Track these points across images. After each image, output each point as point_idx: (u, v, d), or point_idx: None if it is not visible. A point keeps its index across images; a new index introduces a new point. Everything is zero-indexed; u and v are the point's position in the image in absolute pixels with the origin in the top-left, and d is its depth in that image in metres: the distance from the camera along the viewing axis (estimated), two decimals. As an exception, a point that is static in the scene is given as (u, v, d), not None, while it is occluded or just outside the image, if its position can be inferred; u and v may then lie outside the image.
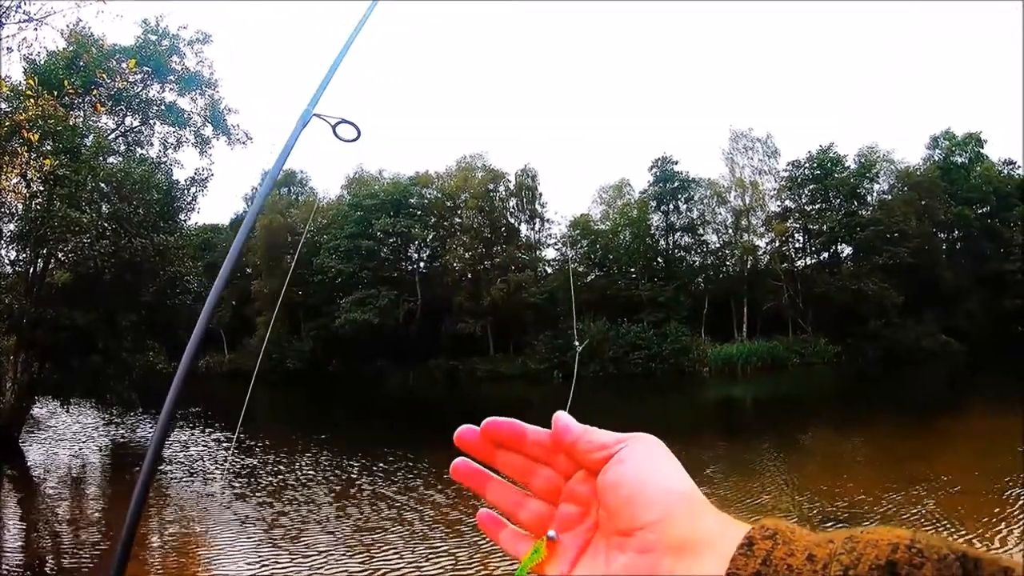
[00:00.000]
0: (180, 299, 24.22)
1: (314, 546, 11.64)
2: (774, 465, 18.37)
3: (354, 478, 17.17)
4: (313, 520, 13.23)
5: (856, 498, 13.74)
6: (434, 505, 14.41)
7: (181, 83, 25.89)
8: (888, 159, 57.87)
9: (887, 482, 14.85)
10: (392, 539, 12.03)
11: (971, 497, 13.29)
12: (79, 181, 19.59)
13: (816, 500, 13.98)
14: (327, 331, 54.69)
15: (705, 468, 17.93)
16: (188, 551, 11.91)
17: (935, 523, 11.87)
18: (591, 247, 61.22)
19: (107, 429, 25.07)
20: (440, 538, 12.03)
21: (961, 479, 14.75)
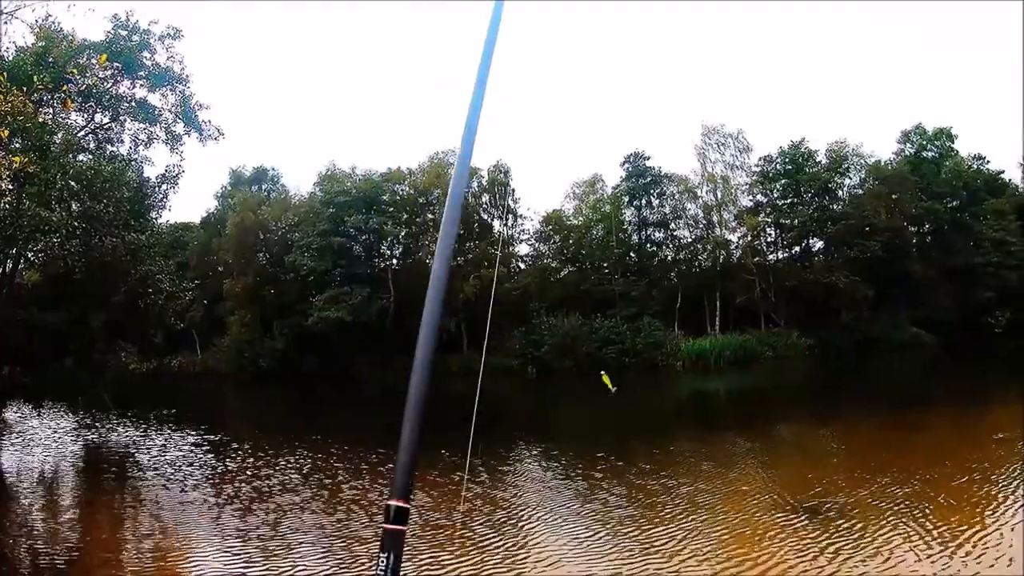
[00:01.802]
0: (152, 299, 23.82)
1: (297, 550, 11.47)
2: (749, 456, 18.55)
3: (338, 480, 16.99)
4: (295, 526, 13.02)
5: (830, 488, 13.82)
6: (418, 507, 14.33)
7: (152, 79, 25.45)
8: (858, 154, 58.62)
9: (860, 472, 14.96)
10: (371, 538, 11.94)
11: (942, 486, 13.42)
12: (48, 179, 19.15)
13: (791, 490, 13.99)
14: (300, 329, 54.24)
15: (680, 459, 18.04)
16: (166, 559, 11.71)
17: (908, 512, 11.95)
18: (564, 242, 61.39)
19: (81, 432, 24.64)
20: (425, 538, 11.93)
21: (932, 469, 14.91)
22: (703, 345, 52.45)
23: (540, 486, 15.89)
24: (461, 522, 12.78)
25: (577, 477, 16.34)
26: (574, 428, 26.55)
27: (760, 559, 9.97)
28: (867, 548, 10.23)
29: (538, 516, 13.19)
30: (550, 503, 14.13)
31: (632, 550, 10.68)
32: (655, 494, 14.21)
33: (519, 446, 22.00)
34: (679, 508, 13.02)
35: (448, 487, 15.55)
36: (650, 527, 11.74)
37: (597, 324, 52.38)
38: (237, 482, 16.96)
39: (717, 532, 11.41)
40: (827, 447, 18.75)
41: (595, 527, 12.03)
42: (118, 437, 24.31)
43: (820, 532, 11.00)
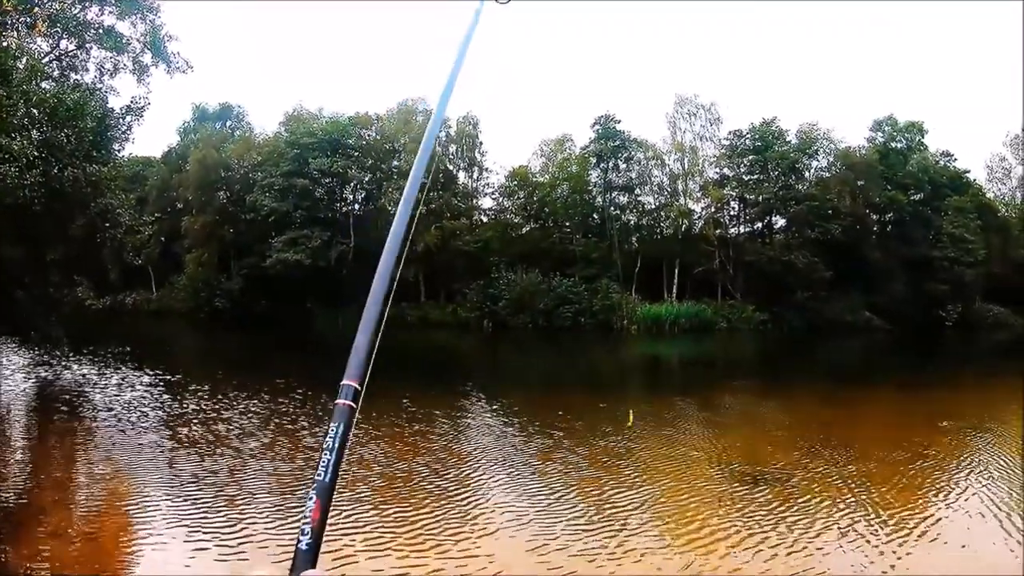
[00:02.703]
0: (111, 232, 23.34)
1: (258, 497, 11.36)
2: (700, 423, 18.75)
3: (299, 426, 16.84)
4: (255, 471, 12.91)
5: (776, 460, 14.08)
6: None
7: (121, 6, 24.66)
8: (828, 138, 59.10)
9: (806, 446, 15.27)
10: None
11: (879, 462, 13.86)
12: (11, 106, 18.63)
13: (740, 459, 14.28)
14: (258, 270, 53.78)
15: (629, 422, 18.29)
16: (119, 501, 11.60)
17: (844, 483, 12.33)
18: (528, 199, 61.32)
19: (33, 368, 24.23)
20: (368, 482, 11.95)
21: (872, 446, 15.43)
22: (659, 311, 53.17)
23: (502, 443, 15.89)
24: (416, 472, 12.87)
25: (536, 435, 16.38)
26: (532, 385, 26.73)
27: (713, 528, 10.12)
28: (813, 519, 10.49)
29: (500, 471, 13.32)
30: (511, 459, 14.26)
31: (589, 513, 10.76)
32: (611, 455, 14.38)
33: (479, 400, 22.24)
34: (634, 471, 13.17)
35: (406, 438, 15.64)
36: (607, 490, 11.80)
37: (555, 283, 52.73)
38: (194, 425, 16.74)
39: (670, 498, 11.55)
40: (774, 419, 19.11)
41: (556, 487, 12.10)
42: (71, 375, 23.88)
43: (769, 501, 11.23)
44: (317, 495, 1.74)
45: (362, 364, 1.97)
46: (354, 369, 1.96)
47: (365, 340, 2.02)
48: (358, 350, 2.00)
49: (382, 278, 2.17)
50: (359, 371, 1.96)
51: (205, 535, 9.59)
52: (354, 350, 1.99)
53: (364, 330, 2.04)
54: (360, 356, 1.98)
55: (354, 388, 1.93)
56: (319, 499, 1.74)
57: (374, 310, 2.09)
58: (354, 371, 1.95)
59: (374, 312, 2.08)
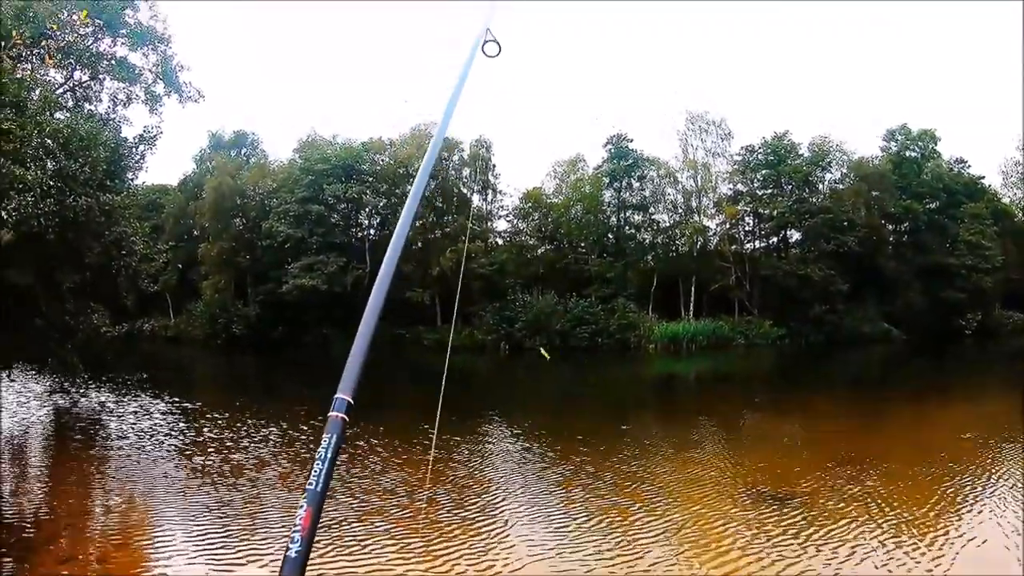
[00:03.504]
0: (125, 261, 23.50)
1: (273, 529, 11.20)
2: (715, 442, 18.67)
3: (306, 454, 16.59)
4: (271, 502, 12.72)
5: (795, 477, 13.89)
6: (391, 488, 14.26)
7: (133, 37, 25.05)
8: (841, 149, 58.90)
9: (826, 462, 15.05)
10: (349, 515, 11.83)
11: (905, 479, 13.56)
12: (24, 136, 18.87)
13: (754, 477, 14.15)
14: (274, 296, 53.96)
15: (647, 442, 18.09)
16: (132, 529, 11.59)
17: (872, 503, 12.03)
18: (543, 220, 61.35)
19: (49, 395, 24.39)
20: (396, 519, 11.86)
21: (896, 461, 15.11)
22: (676, 329, 52.94)
23: (519, 468, 15.75)
24: (427, 503, 12.65)
25: (557, 460, 16.09)
26: (550, 408, 26.44)
27: (725, 548, 9.99)
28: (828, 538, 10.31)
29: (516, 498, 13.06)
30: (533, 486, 14.04)
31: (614, 542, 10.48)
32: (634, 480, 14.10)
33: (496, 425, 21.98)
34: (659, 496, 12.92)
35: (427, 465, 15.40)
36: (632, 517, 11.54)
37: (572, 303, 52.64)
38: (211, 454, 16.68)
39: (696, 523, 11.26)
40: (793, 436, 18.93)
41: (579, 515, 11.86)
42: (88, 402, 24.04)
43: (797, 524, 11.00)
44: (308, 504, 1.76)
45: (355, 378, 2.04)
46: (347, 382, 2.02)
47: (359, 355, 2.10)
48: (351, 364, 2.07)
49: (376, 298, 2.28)
50: (352, 384, 2.02)
51: (218, 567, 9.55)
52: (348, 364, 2.07)
53: (358, 345, 2.13)
54: (353, 370, 2.05)
55: (347, 401, 1.99)
56: (310, 508, 1.76)
57: (368, 327, 2.19)
58: (347, 384, 2.02)
59: (367, 329, 2.18)
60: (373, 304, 2.27)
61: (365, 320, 2.22)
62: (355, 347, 2.13)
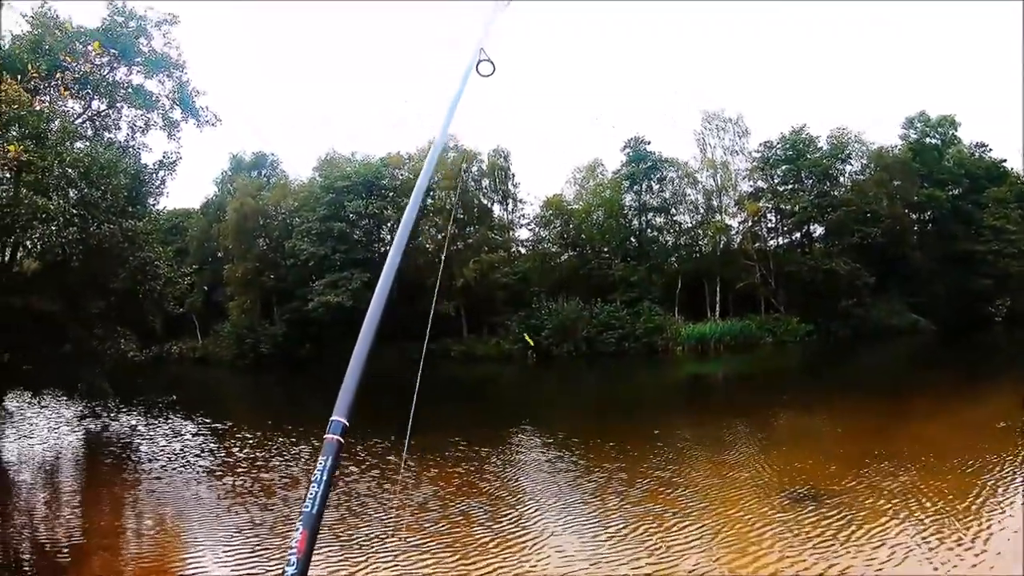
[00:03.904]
0: (150, 285, 23.77)
1: None
2: (748, 443, 18.41)
3: (347, 473, 16.21)
4: (296, 520, 12.67)
5: (831, 476, 13.67)
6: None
7: (148, 65, 25.38)
8: (860, 140, 58.38)
9: (861, 459, 14.81)
10: (367, 531, 11.84)
11: (940, 473, 13.32)
12: (46, 167, 19.18)
13: (790, 477, 13.95)
14: (300, 314, 54.19)
15: (680, 446, 17.93)
16: (164, 549, 11.68)
17: (912, 499, 11.83)
18: (564, 227, 61.28)
19: (80, 420, 24.68)
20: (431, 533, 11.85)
21: (933, 454, 14.81)
22: (703, 330, 52.62)
23: (551, 477, 15.49)
24: (460, 512, 12.62)
25: (590, 468, 15.95)
26: (580, 415, 26.25)
27: (764, 552, 9.84)
28: (869, 538, 10.14)
29: (550, 508, 12.90)
30: (566, 495, 13.78)
31: (651, 551, 10.28)
32: (669, 485, 13.93)
33: (527, 434, 21.81)
34: (694, 501, 12.73)
35: (460, 477, 15.46)
36: (668, 524, 11.37)
37: (597, 309, 52.46)
38: (240, 474, 16.77)
39: (733, 528, 11.08)
40: (830, 434, 18.69)
41: (614, 524, 11.65)
42: (119, 426, 24.33)
43: (837, 526, 10.78)
44: (304, 526, 1.83)
45: (350, 400, 2.08)
46: (343, 405, 2.06)
47: (354, 378, 2.13)
48: (346, 387, 2.10)
49: (370, 322, 2.32)
50: (347, 407, 2.06)
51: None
52: (343, 387, 2.10)
53: (353, 369, 2.15)
54: (348, 393, 2.09)
55: (342, 424, 2.03)
56: (305, 530, 1.82)
57: (362, 351, 2.21)
58: (343, 407, 2.06)
59: (361, 353, 2.20)
60: (367, 330, 2.30)
61: (359, 345, 2.23)
62: (350, 370, 2.15)
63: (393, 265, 2.63)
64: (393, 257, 2.68)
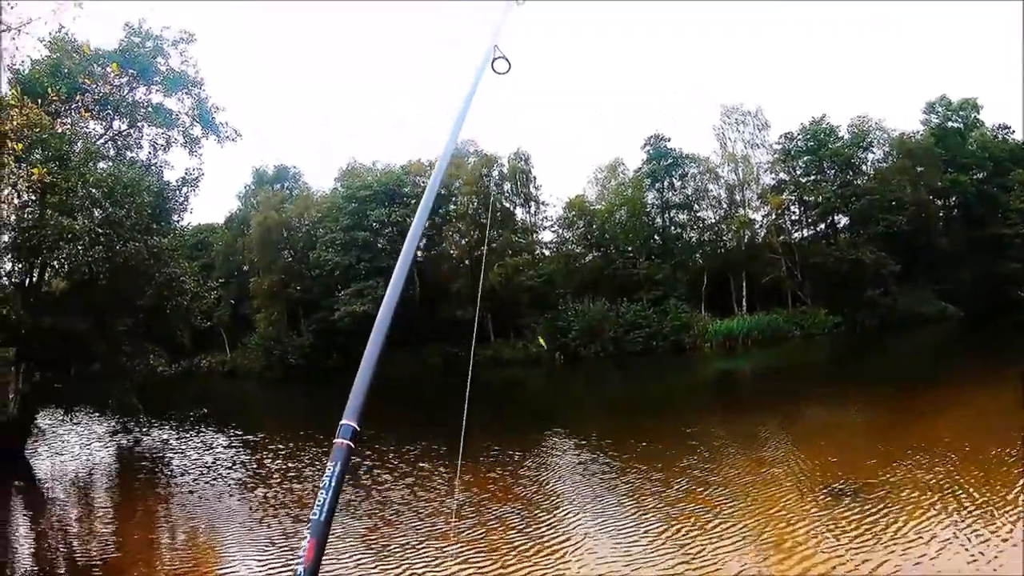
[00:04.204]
0: (177, 300, 24.05)
1: (340, 557, 10.95)
2: (783, 439, 18.10)
3: (381, 481, 16.31)
4: (336, 533, 12.04)
5: (870, 470, 13.41)
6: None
7: (167, 84, 25.73)
8: (881, 128, 57.75)
9: (900, 452, 14.51)
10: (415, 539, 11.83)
11: (977, 463, 13.04)
12: (69, 188, 19.49)
13: (827, 472, 13.71)
14: (327, 324, 54.39)
15: (715, 444, 17.75)
16: (198, 562, 11.78)
17: (954, 491, 11.59)
18: (587, 228, 61.14)
19: (112, 436, 24.95)
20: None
21: (965, 444, 14.46)
22: (730, 326, 52.29)
23: (586, 479, 15.34)
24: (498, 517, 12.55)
25: (625, 470, 15.72)
26: (611, 415, 25.94)
27: (808, 552, 9.63)
28: (913, 533, 9.93)
29: (587, 511, 12.74)
30: (603, 498, 13.61)
31: (690, 553, 10.06)
32: (705, 484, 13.70)
33: (560, 437, 21.52)
34: (732, 501, 12.48)
35: (495, 482, 15.35)
36: (706, 526, 11.17)
37: (623, 308, 52.27)
38: (272, 485, 16.78)
39: (774, 528, 10.84)
40: (865, 427, 18.46)
41: (651, 526, 11.47)
42: (150, 440, 24.57)
43: (872, 518, 10.62)
44: (312, 534, 1.78)
45: (360, 404, 2.06)
46: (352, 409, 2.04)
47: (364, 382, 2.12)
48: (356, 391, 2.09)
49: (380, 326, 2.30)
50: (357, 411, 2.04)
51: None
52: (353, 391, 2.09)
53: (363, 372, 2.14)
54: (358, 396, 2.08)
55: (352, 427, 2.01)
56: (313, 538, 1.78)
57: (372, 355, 2.20)
58: (352, 411, 2.04)
59: (372, 356, 2.19)
60: (377, 333, 2.29)
61: (369, 348, 2.23)
62: (360, 373, 2.14)
63: (405, 266, 2.59)
64: (404, 260, 2.64)
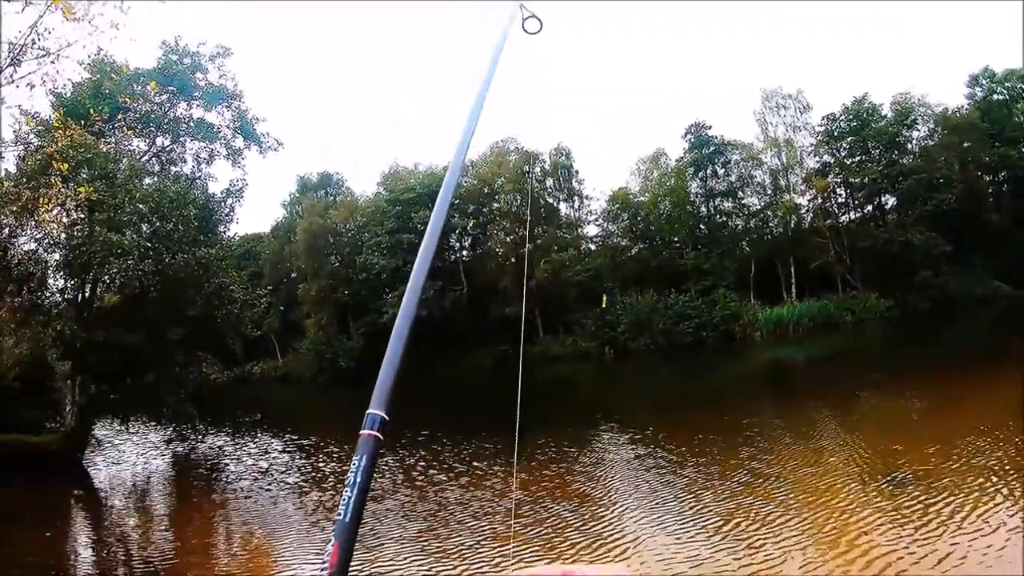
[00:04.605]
0: (227, 309, 24.54)
1: (396, 560, 11.09)
2: (842, 427, 17.68)
3: (434, 482, 16.34)
4: (394, 535, 12.50)
5: (933, 458, 12.94)
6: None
7: (207, 98, 26.30)
8: (925, 104, 55.98)
9: (957, 435, 14.03)
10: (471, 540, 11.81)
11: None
12: (117, 204, 20.06)
13: (888, 461, 13.28)
14: (376, 327, 54.83)
15: (772, 434, 17.45)
16: (255, 564, 11.99)
17: (1008, 477, 11.28)
18: (632, 220, 60.84)
19: (167, 444, 25.43)
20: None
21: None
22: (780, 313, 51.41)
23: (641, 475, 15.05)
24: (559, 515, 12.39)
25: (680, 465, 15.38)
26: (663, 409, 25.35)
27: (872, 545, 9.28)
28: (981, 522, 9.54)
29: (644, 508, 12.46)
30: (660, 495, 13.28)
31: (753, 550, 9.79)
32: (762, 477, 13.38)
33: (613, 432, 21.22)
34: (790, 494, 12.15)
35: (550, 479, 15.21)
36: (767, 519, 10.88)
37: (671, 300, 51.87)
38: (327, 489, 16.87)
39: (837, 521, 10.46)
40: (917, 412, 18.08)
41: (709, 523, 11.12)
42: (206, 447, 24.99)
43: (937, 508, 10.25)
44: (336, 537, 1.69)
45: (388, 392, 2.00)
46: (380, 397, 1.98)
47: (391, 370, 2.06)
48: (384, 377, 2.03)
49: (405, 315, 2.27)
50: (385, 399, 1.98)
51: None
52: (380, 379, 2.02)
53: (390, 360, 2.09)
54: (386, 383, 2.02)
55: (380, 417, 1.94)
56: (338, 541, 1.69)
57: (399, 342, 2.16)
58: (380, 399, 1.97)
59: (399, 344, 2.15)
60: (404, 314, 2.26)
61: (396, 330, 2.19)
62: (387, 359, 2.09)
63: (429, 250, 2.58)
64: (433, 229, 2.66)
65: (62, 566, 12.70)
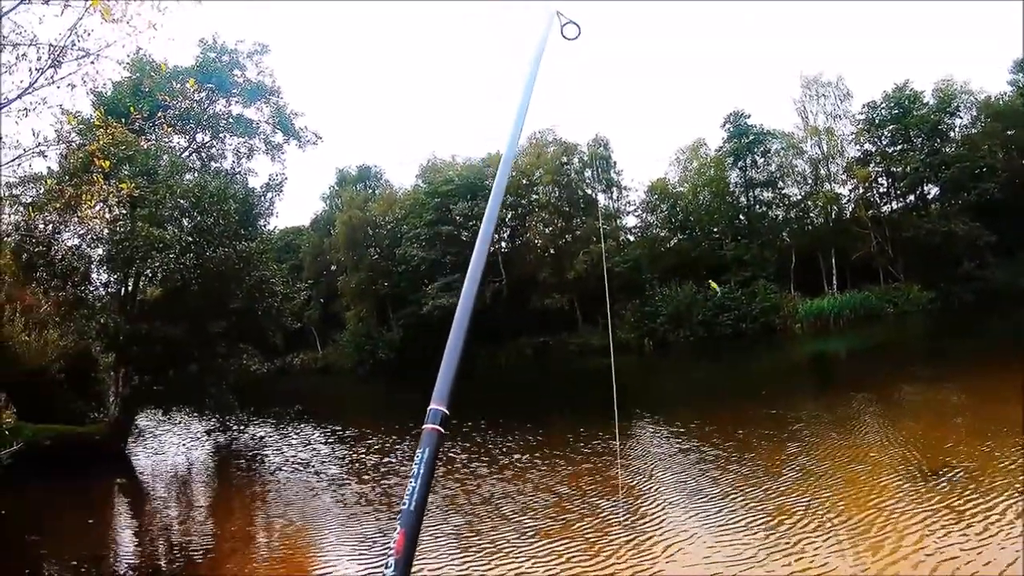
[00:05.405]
0: (267, 302, 24.91)
1: (439, 554, 11.05)
2: (889, 423, 17.18)
3: (479, 474, 16.23)
4: (433, 530, 12.19)
5: (980, 452, 12.76)
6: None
7: (245, 95, 26.71)
8: (967, 90, 54.95)
9: (993, 432, 13.84)
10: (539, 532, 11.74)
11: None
12: (158, 200, 20.50)
13: (938, 457, 13.02)
14: (416, 318, 55.18)
15: (819, 429, 17.28)
16: (293, 553, 12.16)
17: None
18: (671, 211, 60.59)
19: (209, 434, 25.85)
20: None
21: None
22: (821, 305, 51.00)
23: (686, 471, 14.72)
24: (623, 512, 12.16)
25: (725, 460, 15.10)
26: (704, 403, 24.61)
27: (923, 546, 9.08)
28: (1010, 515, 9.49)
29: (690, 505, 12.20)
30: (705, 491, 12.95)
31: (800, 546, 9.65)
32: (810, 473, 13.17)
33: (657, 426, 20.74)
34: (840, 491, 11.90)
35: (590, 474, 15.19)
36: (818, 515, 10.76)
37: (710, 292, 51.46)
38: (367, 481, 16.92)
39: (881, 517, 10.30)
40: (964, 406, 17.64)
41: (759, 521, 10.91)
42: (247, 437, 25.37)
43: (983, 504, 10.10)
44: (402, 525, 1.74)
45: (449, 388, 2.02)
46: (441, 392, 2.00)
47: (451, 366, 2.08)
48: (444, 373, 2.05)
49: (464, 308, 2.27)
50: (446, 395, 2.00)
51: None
52: (440, 373, 2.05)
53: (450, 356, 2.10)
54: (447, 381, 2.03)
55: (442, 412, 1.96)
56: (404, 529, 1.74)
57: (458, 337, 2.16)
58: (441, 395, 1.99)
59: (458, 339, 2.15)
60: (463, 309, 2.26)
61: (456, 326, 2.20)
62: (446, 356, 2.10)
63: (485, 242, 2.58)
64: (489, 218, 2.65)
65: (104, 552, 13.05)
